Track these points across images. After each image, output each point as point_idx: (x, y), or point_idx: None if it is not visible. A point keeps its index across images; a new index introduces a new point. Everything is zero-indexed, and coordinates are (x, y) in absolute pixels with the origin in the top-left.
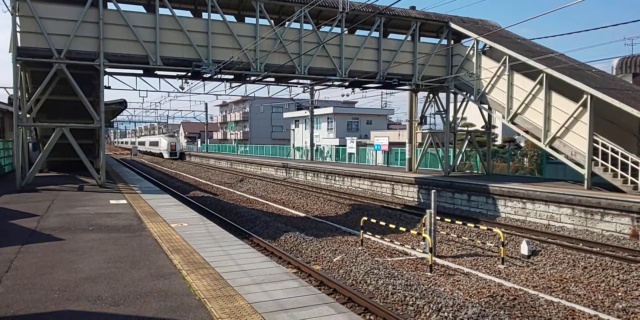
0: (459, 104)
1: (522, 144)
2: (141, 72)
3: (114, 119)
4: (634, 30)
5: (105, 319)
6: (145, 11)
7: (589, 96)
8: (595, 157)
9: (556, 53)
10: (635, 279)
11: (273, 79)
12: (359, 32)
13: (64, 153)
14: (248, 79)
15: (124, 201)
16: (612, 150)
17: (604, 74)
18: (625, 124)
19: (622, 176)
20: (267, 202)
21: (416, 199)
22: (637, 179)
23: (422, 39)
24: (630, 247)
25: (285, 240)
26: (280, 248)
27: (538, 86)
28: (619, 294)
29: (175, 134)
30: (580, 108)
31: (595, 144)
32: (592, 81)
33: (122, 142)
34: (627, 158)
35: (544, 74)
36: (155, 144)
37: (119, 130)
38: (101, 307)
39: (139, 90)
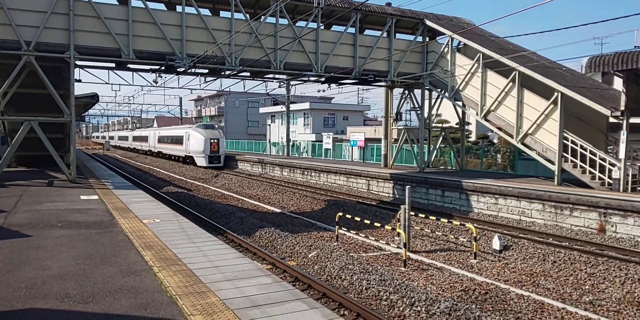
0: (433, 100)
1: (495, 141)
2: (113, 65)
3: (86, 113)
4: (604, 30)
5: (73, 317)
6: (117, 3)
7: (559, 94)
8: (565, 154)
9: (528, 51)
10: (602, 273)
11: (248, 74)
12: (335, 27)
13: (33, 147)
14: (223, 73)
15: (95, 197)
16: (582, 147)
17: (574, 73)
18: (594, 121)
19: (590, 172)
20: (242, 197)
21: (392, 195)
22: (605, 175)
23: (398, 36)
24: (597, 242)
25: (260, 236)
26: (254, 244)
27: (511, 84)
28: (587, 287)
29: (216, 126)
30: (551, 106)
31: (565, 141)
32: (562, 79)
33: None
34: (595, 155)
35: (517, 72)
36: (177, 140)
37: (90, 124)
38: (69, 305)
39: (112, 83)
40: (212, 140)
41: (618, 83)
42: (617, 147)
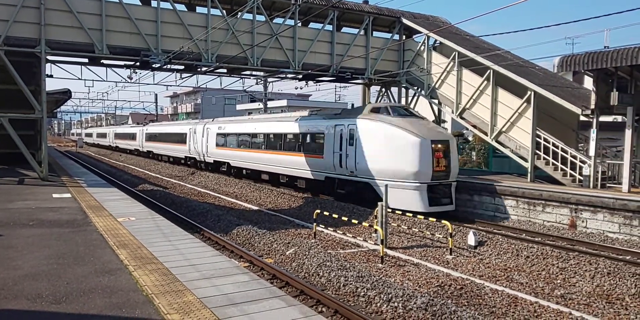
0: (410, 98)
1: (470, 138)
2: (86, 60)
3: (58, 110)
4: (575, 30)
5: (45, 318)
6: None
7: (532, 93)
8: (538, 151)
9: (502, 50)
10: (573, 267)
11: (225, 70)
12: (312, 25)
13: (3, 144)
14: (199, 69)
15: (68, 195)
16: (553, 144)
17: (547, 72)
18: (565, 119)
19: (562, 169)
20: (219, 195)
21: None
22: (576, 172)
23: (375, 34)
24: (568, 237)
25: (237, 234)
26: (232, 242)
27: (485, 82)
28: (558, 281)
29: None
30: (525, 104)
31: (537, 139)
32: (535, 78)
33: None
34: (566, 152)
35: (491, 71)
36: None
37: (63, 121)
38: (41, 306)
39: (85, 79)
40: (435, 146)
41: (588, 82)
42: (588, 144)
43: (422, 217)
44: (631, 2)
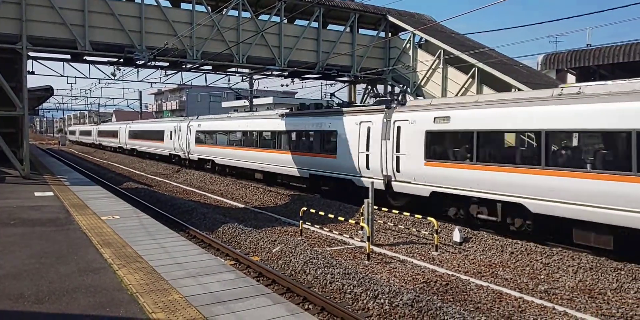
0: (395, 95)
1: None
2: (69, 57)
3: (40, 107)
4: (558, 28)
5: (28, 318)
6: None
7: (517, 90)
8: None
9: (487, 48)
10: (556, 262)
11: (210, 67)
12: (298, 22)
13: None
14: (184, 66)
15: (51, 193)
16: None
17: (530, 70)
18: None
19: None
20: (204, 193)
21: None
22: None
23: (361, 31)
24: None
25: (223, 232)
26: (217, 240)
27: (470, 80)
28: (542, 276)
29: None
30: None
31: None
32: (519, 76)
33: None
34: None
35: (476, 68)
36: None
37: (45, 118)
38: (23, 306)
39: (67, 76)
40: None
41: (571, 80)
42: None
43: (408, 214)
44: (613, 1)
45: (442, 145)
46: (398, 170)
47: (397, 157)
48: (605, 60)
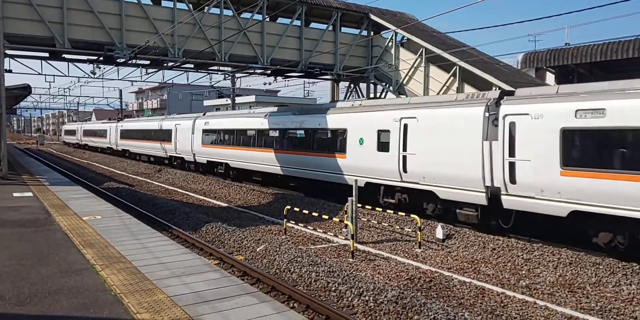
0: (378, 94)
1: None
2: (47, 55)
3: (17, 106)
4: (538, 27)
5: None
6: None
7: (497, 88)
8: None
9: (468, 47)
10: (537, 258)
11: (192, 66)
12: (281, 20)
13: None
14: (165, 64)
15: (30, 194)
16: None
17: (511, 68)
18: None
19: None
20: (187, 192)
21: None
22: None
23: (344, 30)
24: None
25: (206, 231)
26: (201, 239)
27: (452, 78)
28: (523, 272)
29: None
30: None
31: None
32: (500, 74)
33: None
34: None
35: (458, 67)
36: None
37: (22, 117)
38: (4, 308)
39: (45, 74)
40: None
41: (550, 78)
42: None
43: (392, 211)
44: (591, 1)
45: (591, 148)
46: (513, 181)
47: (511, 164)
48: (583, 59)
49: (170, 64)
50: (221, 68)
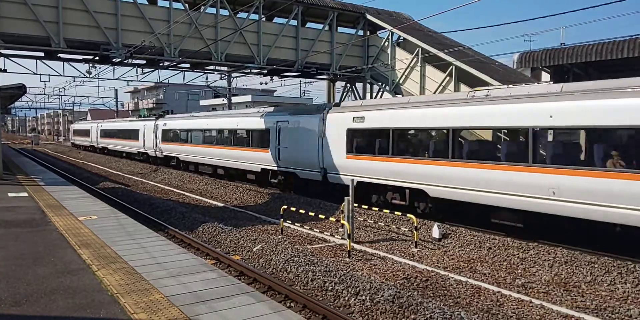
0: (375, 93)
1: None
2: (42, 54)
3: (12, 106)
4: (533, 27)
5: None
6: None
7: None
8: None
9: (464, 46)
10: (533, 257)
11: (188, 65)
12: (277, 19)
13: None
14: (161, 64)
15: (25, 194)
16: None
17: (506, 68)
18: None
19: None
20: (183, 192)
21: None
22: None
23: (340, 29)
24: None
25: (203, 231)
26: (197, 239)
27: (448, 78)
28: (519, 271)
29: None
30: None
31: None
32: (496, 74)
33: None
34: None
35: (454, 66)
36: None
37: (17, 117)
38: (1, 309)
39: (40, 74)
40: None
41: (546, 78)
42: None
43: (388, 211)
44: (586, 1)
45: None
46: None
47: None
48: (579, 58)
49: (166, 63)
50: (217, 68)
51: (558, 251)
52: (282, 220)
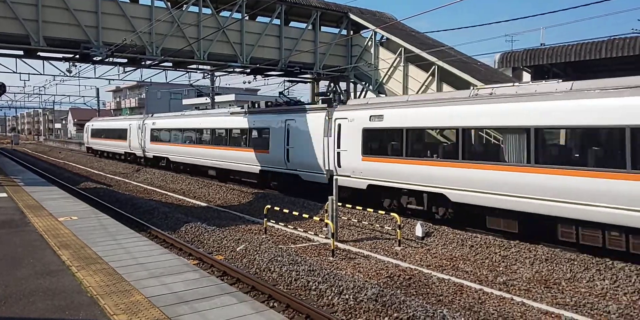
0: (358, 93)
1: None
2: (21, 53)
3: None
4: (514, 28)
5: None
6: None
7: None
8: None
9: (446, 46)
10: (514, 255)
11: (171, 64)
12: (260, 18)
13: None
14: (143, 63)
15: (4, 194)
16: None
17: (488, 68)
18: None
19: None
20: (166, 192)
21: None
22: None
23: (323, 29)
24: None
25: (186, 231)
26: (180, 239)
27: (430, 77)
28: (501, 268)
29: None
30: None
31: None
32: (478, 74)
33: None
34: None
35: (436, 66)
36: None
37: None
38: None
39: (20, 73)
40: None
41: (527, 78)
42: None
43: (372, 210)
44: (567, 2)
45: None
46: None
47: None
48: (558, 59)
49: (148, 62)
50: (200, 66)
51: (539, 249)
52: (265, 219)
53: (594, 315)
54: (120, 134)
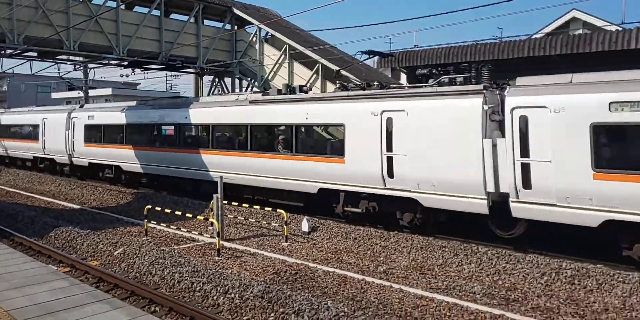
0: (244, 89)
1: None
2: None
3: None
4: (392, 29)
5: None
6: None
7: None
8: None
9: (329, 45)
10: (393, 245)
11: (36, 54)
12: (138, 8)
13: None
14: (3, 52)
15: None
16: None
17: (369, 68)
18: None
19: None
20: (32, 194)
21: None
22: None
23: (207, 22)
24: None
25: (56, 237)
26: (49, 246)
27: (315, 75)
28: (381, 258)
29: None
30: None
31: None
32: (360, 73)
33: None
34: None
35: (320, 64)
36: None
37: None
38: None
39: None
40: None
41: (404, 78)
42: None
43: (258, 207)
44: (439, 6)
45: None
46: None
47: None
48: (430, 60)
49: (8, 51)
50: (71, 57)
51: (415, 238)
52: (146, 220)
53: (462, 296)
54: (29, 132)
